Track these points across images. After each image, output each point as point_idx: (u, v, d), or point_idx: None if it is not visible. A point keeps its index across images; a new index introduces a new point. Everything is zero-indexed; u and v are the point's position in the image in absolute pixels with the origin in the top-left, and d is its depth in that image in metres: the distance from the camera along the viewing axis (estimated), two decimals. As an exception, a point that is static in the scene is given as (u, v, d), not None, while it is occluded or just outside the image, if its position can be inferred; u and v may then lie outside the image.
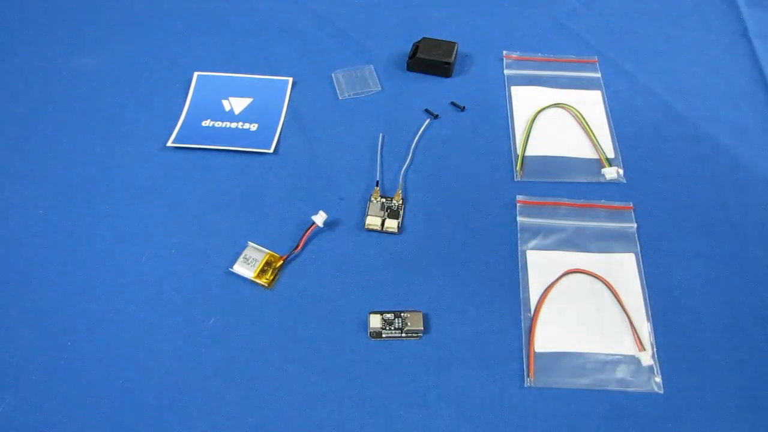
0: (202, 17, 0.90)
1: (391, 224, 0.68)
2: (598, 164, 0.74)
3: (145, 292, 0.63)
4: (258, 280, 0.64)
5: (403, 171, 0.73)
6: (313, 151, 0.75)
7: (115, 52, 0.86)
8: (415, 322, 0.61)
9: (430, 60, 0.82)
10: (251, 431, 0.55)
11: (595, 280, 0.64)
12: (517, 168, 0.74)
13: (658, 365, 0.59)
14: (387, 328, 0.60)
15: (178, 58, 0.85)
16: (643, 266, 0.65)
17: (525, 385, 0.58)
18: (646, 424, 0.56)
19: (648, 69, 0.85)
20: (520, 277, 0.65)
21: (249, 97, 0.81)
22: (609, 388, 0.58)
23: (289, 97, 0.81)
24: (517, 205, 0.70)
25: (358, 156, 0.75)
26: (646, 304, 0.63)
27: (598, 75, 0.84)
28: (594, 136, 0.76)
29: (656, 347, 0.60)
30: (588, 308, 0.63)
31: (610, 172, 0.73)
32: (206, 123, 0.78)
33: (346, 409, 0.57)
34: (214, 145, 0.75)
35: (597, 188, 0.72)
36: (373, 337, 0.61)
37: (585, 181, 0.73)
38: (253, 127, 0.78)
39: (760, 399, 0.57)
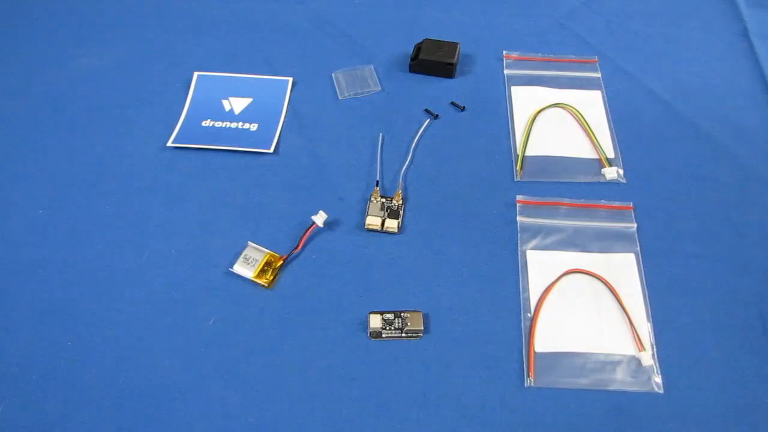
0: (202, 17, 0.91)
1: (391, 224, 0.68)
2: (598, 164, 0.74)
3: (145, 292, 0.63)
4: (258, 280, 0.64)
5: (403, 171, 0.73)
6: (313, 151, 0.75)
7: (116, 52, 0.86)
8: (415, 322, 0.61)
9: (433, 61, 0.82)
10: (251, 431, 0.55)
11: (595, 280, 0.64)
12: (517, 168, 0.74)
13: (658, 365, 0.59)
14: (387, 328, 0.60)
15: (178, 58, 0.85)
16: (643, 266, 0.65)
17: (525, 385, 0.58)
18: (646, 424, 0.56)
19: (648, 69, 0.85)
20: (520, 277, 0.65)
21: (249, 97, 0.81)
22: (609, 388, 0.58)
23: (289, 97, 0.81)
24: (517, 205, 0.70)
25: (358, 156, 0.75)
26: (646, 304, 0.63)
27: (598, 75, 0.84)
28: (594, 136, 0.76)
29: (656, 347, 0.60)
30: (588, 308, 0.63)
31: (610, 172, 0.73)
32: (206, 123, 0.78)
33: (346, 409, 0.57)
34: (214, 145, 0.75)
35: (597, 188, 0.72)
36: (373, 337, 0.61)
37: (585, 181, 0.73)
38: (253, 127, 0.78)
39: (760, 399, 0.57)
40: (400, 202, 0.70)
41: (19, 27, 0.89)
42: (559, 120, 0.79)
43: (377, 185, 0.71)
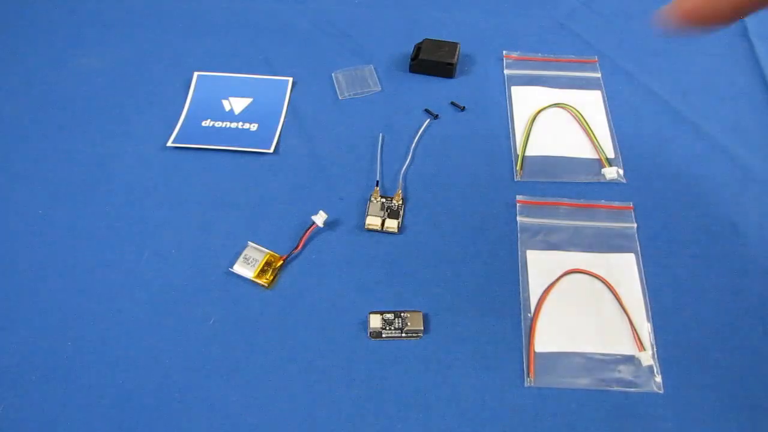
0: (202, 17, 0.90)
1: (391, 224, 0.68)
2: (598, 164, 0.74)
3: (146, 292, 0.63)
4: (258, 280, 0.64)
5: (403, 171, 0.73)
6: (313, 151, 0.75)
7: (116, 52, 0.86)
8: (415, 322, 0.61)
9: (433, 61, 0.82)
10: (251, 431, 0.55)
11: (595, 280, 0.64)
12: (517, 168, 0.74)
13: (658, 365, 0.59)
14: (387, 328, 0.60)
15: (178, 58, 0.85)
16: (643, 266, 0.65)
17: (525, 385, 0.58)
18: (646, 424, 0.56)
19: (648, 69, 0.85)
20: (520, 277, 0.65)
21: (249, 97, 0.81)
22: (609, 388, 0.58)
23: (289, 97, 0.81)
24: (517, 205, 0.70)
25: (358, 156, 0.75)
26: (646, 304, 0.63)
27: (598, 75, 0.84)
28: (594, 136, 0.76)
29: (656, 347, 0.60)
30: (588, 308, 0.63)
31: (610, 172, 0.73)
32: (206, 123, 0.78)
33: (346, 409, 0.57)
34: (214, 145, 0.75)
35: (597, 188, 0.72)
36: (373, 337, 0.61)
37: (585, 181, 0.73)
38: (253, 127, 0.78)
39: (760, 399, 0.57)
40: (400, 202, 0.70)
41: (19, 27, 0.89)
42: (559, 120, 0.79)
43: (377, 185, 0.71)
